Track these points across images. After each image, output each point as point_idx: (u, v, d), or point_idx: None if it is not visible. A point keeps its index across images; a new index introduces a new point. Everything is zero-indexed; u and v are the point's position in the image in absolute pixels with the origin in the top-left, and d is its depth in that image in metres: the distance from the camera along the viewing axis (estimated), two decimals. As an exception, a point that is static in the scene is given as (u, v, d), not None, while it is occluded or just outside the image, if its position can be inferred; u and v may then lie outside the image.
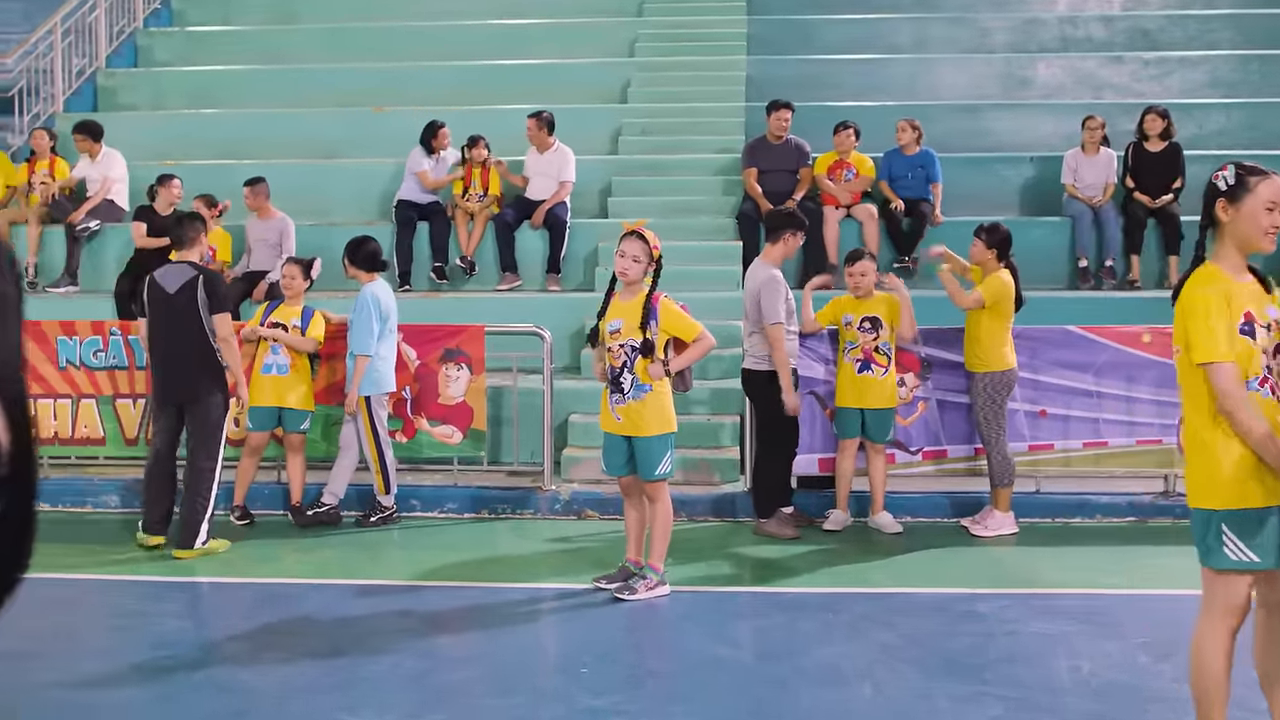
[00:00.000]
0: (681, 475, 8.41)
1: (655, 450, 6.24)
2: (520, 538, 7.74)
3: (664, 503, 6.31)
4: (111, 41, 14.39)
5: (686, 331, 6.26)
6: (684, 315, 6.28)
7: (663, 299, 6.26)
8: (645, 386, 6.21)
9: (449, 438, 8.41)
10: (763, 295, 7.42)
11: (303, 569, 6.94)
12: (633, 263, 6.23)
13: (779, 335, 7.39)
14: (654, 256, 6.25)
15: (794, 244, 7.68)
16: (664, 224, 10.74)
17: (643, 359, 6.20)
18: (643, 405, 6.22)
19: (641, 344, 6.19)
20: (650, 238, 6.25)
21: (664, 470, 6.26)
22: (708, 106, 12.62)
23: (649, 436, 6.23)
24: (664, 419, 6.23)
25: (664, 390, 6.25)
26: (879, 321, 7.73)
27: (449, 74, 13.38)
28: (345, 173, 12.12)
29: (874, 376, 7.71)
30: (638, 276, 6.25)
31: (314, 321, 8.12)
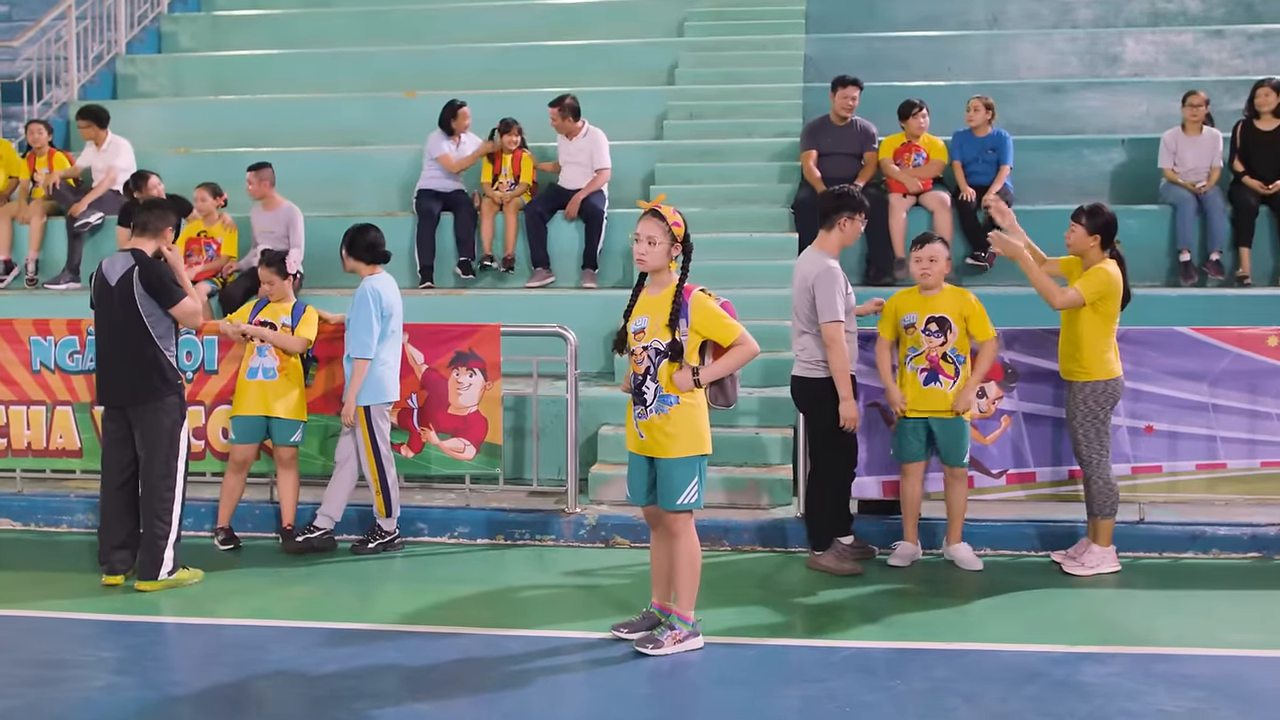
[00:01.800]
0: (725, 497, 7.36)
1: (677, 475, 5.17)
2: (537, 569, 6.71)
3: (687, 538, 5.24)
4: (132, 27, 13.64)
5: (723, 333, 5.19)
6: (721, 314, 5.21)
7: (696, 293, 5.19)
8: (671, 398, 5.15)
9: (460, 452, 7.40)
10: (817, 289, 6.33)
11: (278, 607, 5.97)
12: (648, 246, 5.18)
13: (836, 335, 6.29)
14: (676, 236, 5.18)
15: (852, 230, 6.56)
16: (712, 214, 9.85)
17: (668, 364, 5.14)
18: (666, 420, 5.16)
19: (668, 346, 5.13)
20: (669, 214, 5.19)
21: (687, 500, 5.19)
22: (762, 88, 11.53)
23: (671, 459, 5.18)
24: (692, 438, 5.17)
25: (695, 404, 5.19)
26: (948, 323, 6.58)
27: (485, 56, 12.44)
28: (371, 161, 11.19)
29: (943, 389, 6.58)
30: (658, 262, 5.20)
31: (304, 319, 7.15)
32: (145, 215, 6.36)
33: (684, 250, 5.23)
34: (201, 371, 7.63)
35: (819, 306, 6.33)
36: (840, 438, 6.47)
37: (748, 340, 5.19)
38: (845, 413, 6.34)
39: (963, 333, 6.55)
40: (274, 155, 10.89)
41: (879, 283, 9.20)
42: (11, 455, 7.86)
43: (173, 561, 6.29)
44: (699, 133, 11.00)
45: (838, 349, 6.29)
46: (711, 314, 5.16)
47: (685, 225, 5.21)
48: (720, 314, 5.19)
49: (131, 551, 6.34)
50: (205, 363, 7.63)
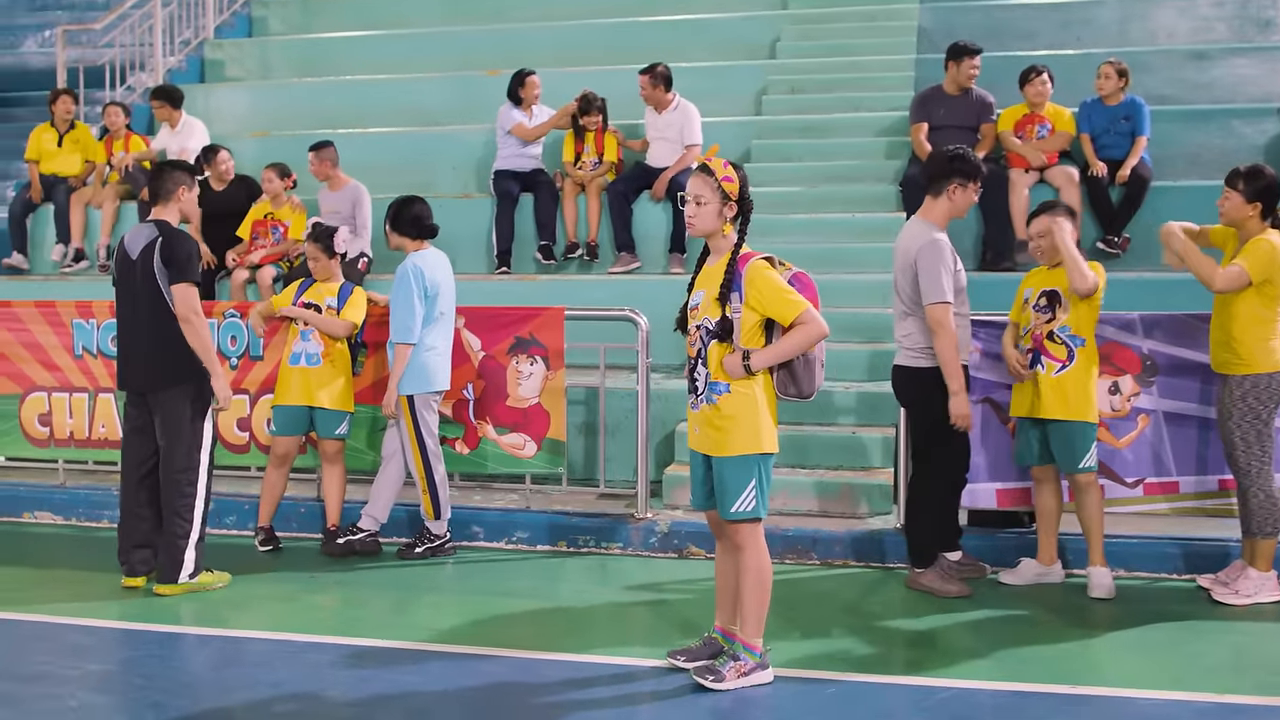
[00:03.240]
0: (816, 503, 6.52)
1: (730, 477, 4.35)
2: (597, 581, 5.96)
3: (753, 553, 4.42)
4: (221, 11, 13.32)
5: (781, 309, 4.31)
6: (781, 286, 4.34)
7: (754, 262, 4.37)
8: (721, 386, 4.35)
9: (519, 449, 6.68)
10: (920, 263, 5.46)
11: (301, 618, 5.31)
12: (696, 206, 4.37)
13: (943, 318, 5.41)
14: (728, 193, 4.36)
15: (964, 200, 5.63)
16: (813, 193, 9.03)
17: (718, 346, 4.34)
18: (716, 412, 4.36)
19: (717, 325, 4.32)
20: (718, 168, 4.38)
21: (744, 508, 4.36)
22: (871, 60, 10.60)
23: (725, 457, 4.36)
24: (747, 434, 4.34)
25: (750, 393, 4.35)
26: (1058, 297, 5.64)
27: (573, 33, 11.77)
28: (451, 141, 10.59)
29: (1046, 375, 5.63)
30: (708, 224, 4.39)
31: (351, 301, 6.52)
32: (156, 182, 5.78)
33: (740, 211, 4.40)
34: (246, 357, 7.07)
35: (922, 286, 5.46)
36: (949, 437, 5.57)
37: (813, 319, 4.30)
38: (955, 408, 5.44)
39: (1082, 310, 5.58)
40: (354, 137, 10.58)
41: (997, 268, 8.23)
42: (54, 445, 7.41)
43: (194, 563, 5.70)
44: (800, 108, 10.15)
45: (945, 334, 5.41)
46: (769, 286, 4.32)
47: (741, 181, 4.38)
48: (780, 286, 4.33)
49: (154, 551, 5.77)
50: (250, 348, 7.06)
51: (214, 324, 7.06)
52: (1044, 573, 5.76)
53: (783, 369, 4.43)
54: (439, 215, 9.52)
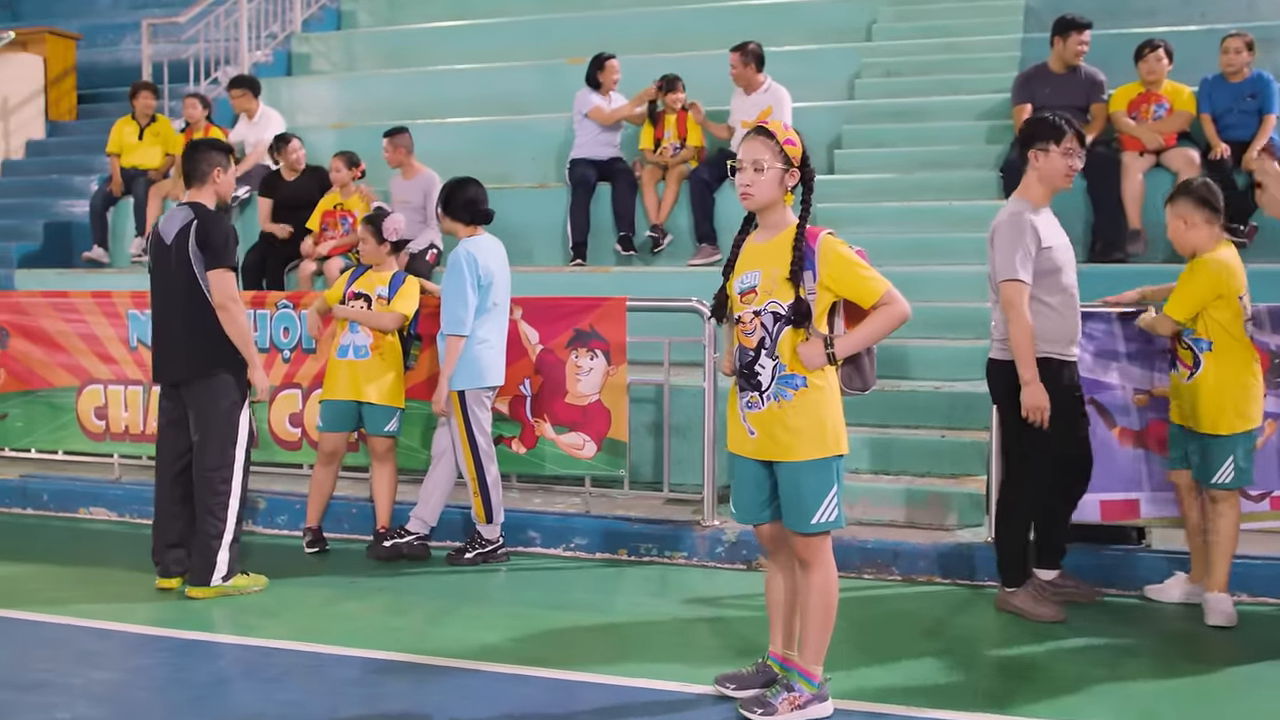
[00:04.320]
0: (899, 513, 5.97)
1: (809, 485, 3.84)
2: (656, 593, 5.49)
3: (821, 570, 3.90)
4: (309, 5, 13.19)
5: (863, 288, 3.82)
6: (859, 262, 3.85)
7: (825, 236, 3.86)
8: (796, 379, 3.83)
9: (578, 449, 6.26)
10: (995, 239, 4.94)
11: (332, 627, 4.94)
12: (754, 174, 3.86)
13: (1014, 298, 4.83)
14: (790, 159, 3.86)
15: (1048, 166, 4.94)
16: (907, 180, 8.48)
17: (792, 332, 3.83)
18: (788, 411, 3.84)
19: (791, 307, 3.81)
20: (779, 130, 3.87)
21: (824, 518, 3.85)
22: (973, 41, 9.95)
23: (798, 462, 3.84)
24: (823, 434, 3.82)
25: (825, 386, 3.84)
26: None
27: (662, 18, 11.35)
28: (531, 130, 10.23)
29: (1179, 379, 5.07)
30: (767, 194, 3.88)
31: (402, 291, 6.16)
32: (189, 163, 5.49)
33: (803, 179, 3.90)
34: (299, 350, 6.77)
35: (997, 262, 4.90)
36: (1043, 439, 4.97)
37: (896, 298, 3.80)
38: (1028, 399, 4.85)
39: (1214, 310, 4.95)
40: (433, 127, 10.35)
41: (1108, 259, 7.55)
42: (110, 439, 7.22)
43: (228, 565, 5.39)
44: (895, 91, 9.56)
45: (1016, 316, 4.82)
46: (846, 263, 3.82)
47: (803, 146, 3.87)
48: (858, 262, 3.84)
49: (188, 551, 5.48)
50: (303, 341, 6.76)
51: (267, 315, 6.79)
52: (1194, 592, 5.13)
53: (850, 362, 3.93)
54: (515, 206, 9.33)
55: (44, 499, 7.25)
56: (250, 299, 6.81)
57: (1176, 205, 5.07)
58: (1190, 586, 5.17)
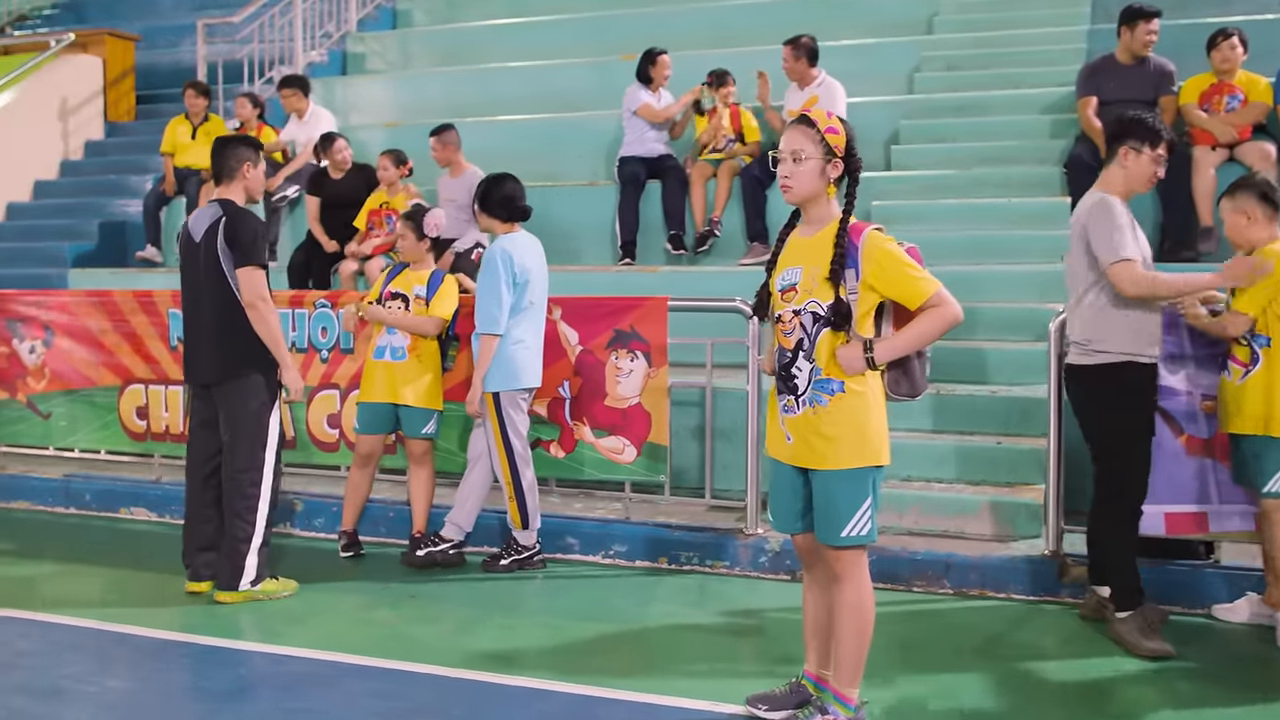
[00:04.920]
0: (952, 523, 5.71)
1: (842, 496, 3.61)
2: (694, 604, 5.29)
3: (854, 586, 3.66)
4: (365, 5, 13.15)
5: (910, 289, 3.56)
6: (907, 260, 3.59)
7: (871, 232, 3.61)
8: (831, 384, 3.60)
9: (618, 454, 6.07)
10: (1090, 225, 4.64)
11: (356, 636, 4.80)
12: (793, 164, 3.64)
13: (1128, 274, 4.52)
14: (833, 148, 3.62)
15: (1138, 167, 4.68)
16: (967, 176, 8.20)
17: (830, 334, 3.61)
18: (823, 417, 3.61)
19: (829, 309, 3.58)
20: (821, 118, 3.64)
21: (857, 531, 3.61)
22: (1038, 33, 9.59)
23: (833, 471, 3.61)
24: (860, 442, 3.59)
25: (865, 392, 3.60)
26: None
27: (715, 14, 11.13)
28: (582, 127, 10.07)
29: (1231, 381, 4.80)
30: (807, 187, 3.65)
31: (441, 291, 6.01)
32: (218, 159, 5.38)
33: (847, 171, 3.66)
34: (337, 350, 6.67)
35: (1095, 247, 4.60)
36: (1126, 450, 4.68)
37: (946, 300, 3.54)
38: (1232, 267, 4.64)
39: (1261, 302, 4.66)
40: (483, 125, 10.25)
41: (1177, 258, 7.19)
42: (150, 439, 7.17)
43: (256, 570, 5.28)
44: (956, 85, 9.25)
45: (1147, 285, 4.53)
46: (892, 260, 3.56)
47: (848, 135, 3.64)
48: (907, 262, 3.57)
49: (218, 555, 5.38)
50: (341, 341, 6.64)
51: (305, 315, 6.69)
52: (1265, 612, 4.82)
53: (897, 365, 3.67)
54: (564, 204, 9.19)
55: (86, 498, 7.22)
56: (288, 298, 6.72)
57: (1237, 199, 4.79)
58: (1262, 606, 4.86)
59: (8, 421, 7.56)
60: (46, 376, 7.39)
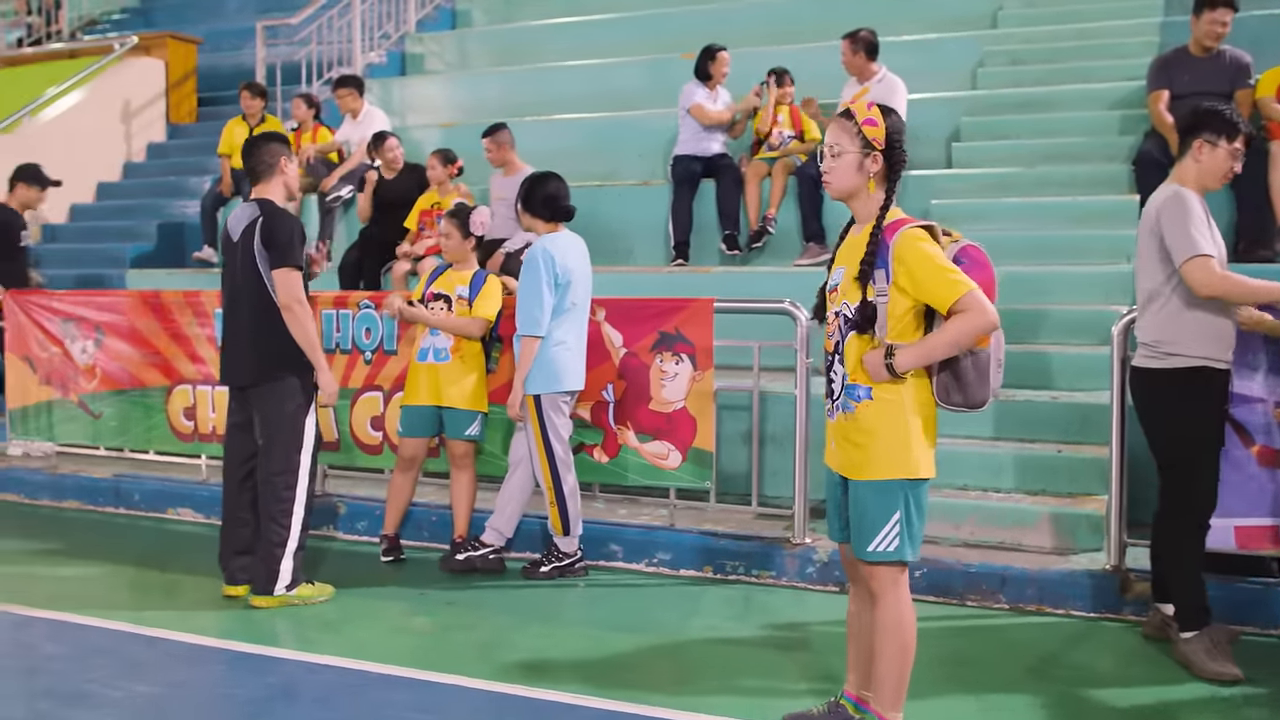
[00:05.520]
0: (1008, 534, 5.47)
1: (871, 508, 3.42)
2: (737, 616, 5.11)
3: (891, 605, 3.47)
4: (424, 6, 13.14)
5: (938, 290, 3.32)
6: (938, 261, 3.34)
7: (906, 230, 3.40)
8: (859, 390, 3.42)
9: (663, 459, 5.91)
10: (1163, 220, 4.39)
11: (388, 645, 4.69)
12: (831, 159, 3.46)
13: (1203, 273, 4.28)
14: (870, 141, 3.43)
15: (1212, 161, 4.43)
16: (1030, 174, 7.96)
17: (857, 338, 3.42)
18: (852, 424, 3.43)
19: (856, 310, 3.40)
20: (860, 111, 3.45)
21: (885, 547, 3.41)
22: (1107, 26, 9.29)
23: (862, 481, 3.43)
24: (895, 453, 3.38)
25: (899, 401, 3.39)
26: None
27: (776, 9, 10.93)
28: (639, 126, 9.93)
29: None
30: (845, 181, 3.47)
31: (485, 291, 5.90)
32: (252, 158, 5.31)
33: (889, 165, 3.46)
34: (380, 352, 6.58)
35: (1169, 244, 4.36)
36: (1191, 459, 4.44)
37: (976, 304, 3.29)
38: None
39: None
40: (540, 124, 10.20)
41: (1252, 258, 6.87)
42: (198, 440, 7.15)
43: (291, 574, 5.20)
44: (1020, 80, 8.99)
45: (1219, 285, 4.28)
46: (922, 261, 3.33)
47: (890, 128, 3.43)
48: (938, 262, 3.33)
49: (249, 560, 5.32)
50: (384, 342, 6.56)
51: (349, 315, 6.62)
52: None
53: (946, 370, 3.42)
54: (618, 204, 9.06)
55: (135, 499, 7.23)
56: (333, 299, 6.65)
57: None
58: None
59: (61, 420, 7.60)
60: (98, 376, 7.41)
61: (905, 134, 3.48)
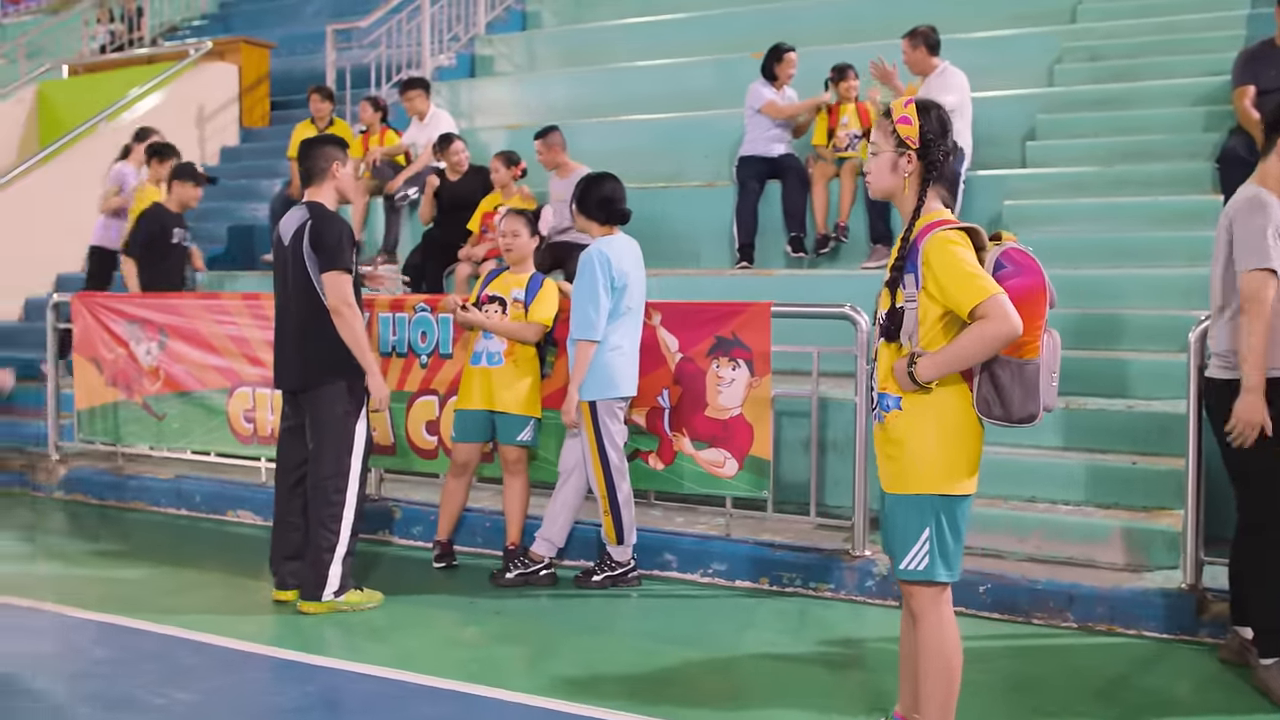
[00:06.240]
0: (1077, 549, 5.25)
1: (901, 523, 3.28)
2: (791, 631, 4.96)
3: (931, 626, 3.30)
4: (493, 7, 13.13)
5: (958, 294, 3.11)
6: (963, 265, 3.12)
7: (937, 233, 3.19)
8: (887, 399, 3.28)
9: (719, 467, 5.77)
10: (1236, 224, 4.20)
11: (432, 656, 4.61)
12: (871, 159, 3.33)
13: (1259, 289, 4.07)
14: (904, 140, 3.26)
15: None
16: (1108, 174, 7.70)
17: (884, 346, 3.28)
18: (883, 434, 3.31)
19: (886, 316, 3.26)
20: (896, 109, 3.30)
21: (914, 565, 3.26)
22: (1192, 19, 8.94)
23: (892, 495, 3.31)
24: (926, 467, 3.21)
25: (930, 411, 3.21)
26: None
27: (847, 7, 10.70)
28: (707, 127, 9.76)
29: None
30: (882, 182, 3.34)
31: (541, 295, 5.81)
32: (306, 161, 5.29)
33: (925, 165, 3.28)
34: (436, 355, 6.51)
35: (1236, 248, 4.16)
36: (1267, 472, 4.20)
37: (998, 310, 3.05)
38: (1243, 411, 4.10)
39: None
40: (606, 125, 10.15)
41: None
42: (257, 443, 7.16)
43: (340, 580, 5.16)
44: (1099, 76, 8.68)
45: (1256, 311, 4.07)
46: (943, 262, 3.13)
47: (925, 128, 3.25)
48: (963, 266, 3.12)
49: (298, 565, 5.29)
50: (440, 345, 6.50)
51: (405, 319, 6.58)
52: None
53: (987, 381, 3.22)
54: (682, 205, 8.93)
55: (196, 500, 7.27)
56: (389, 302, 6.61)
57: None
58: None
59: (126, 422, 7.66)
60: (161, 378, 7.46)
61: (948, 134, 3.30)
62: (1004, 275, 3.18)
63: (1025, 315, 3.10)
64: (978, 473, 3.27)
